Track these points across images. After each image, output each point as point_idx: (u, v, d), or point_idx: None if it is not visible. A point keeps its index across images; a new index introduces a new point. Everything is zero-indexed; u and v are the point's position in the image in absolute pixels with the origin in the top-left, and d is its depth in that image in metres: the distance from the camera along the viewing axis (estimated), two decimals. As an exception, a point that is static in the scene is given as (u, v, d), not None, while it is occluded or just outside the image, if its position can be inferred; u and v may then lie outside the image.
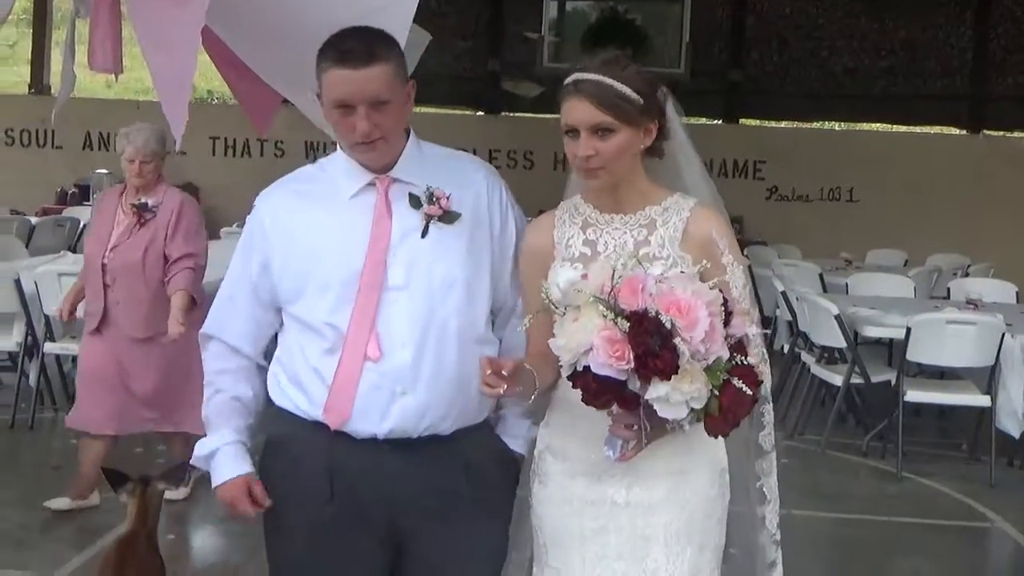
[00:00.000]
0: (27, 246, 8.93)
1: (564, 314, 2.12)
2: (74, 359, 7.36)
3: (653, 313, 2.03)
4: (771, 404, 2.43)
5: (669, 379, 2.01)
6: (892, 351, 6.92)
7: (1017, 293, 8.15)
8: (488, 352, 2.35)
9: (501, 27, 12.94)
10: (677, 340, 2.02)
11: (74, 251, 8.93)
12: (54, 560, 4.41)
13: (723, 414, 2.06)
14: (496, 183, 2.48)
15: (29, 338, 6.45)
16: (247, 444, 2.47)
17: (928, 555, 5.21)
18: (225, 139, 13.33)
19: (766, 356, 2.31)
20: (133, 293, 4.94)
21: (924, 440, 6.83)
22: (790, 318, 7.30)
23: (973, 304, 6.79)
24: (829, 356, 6.95)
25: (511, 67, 12.55)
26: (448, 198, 2.36)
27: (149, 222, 4.97)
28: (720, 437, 2.16)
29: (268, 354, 2.52)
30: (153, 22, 3.18)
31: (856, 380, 6.52)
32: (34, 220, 10.43)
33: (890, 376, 6.48)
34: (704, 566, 2.31)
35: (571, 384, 2.10)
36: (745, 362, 2.10)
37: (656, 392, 2.02)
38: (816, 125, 13.75)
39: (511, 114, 12.86)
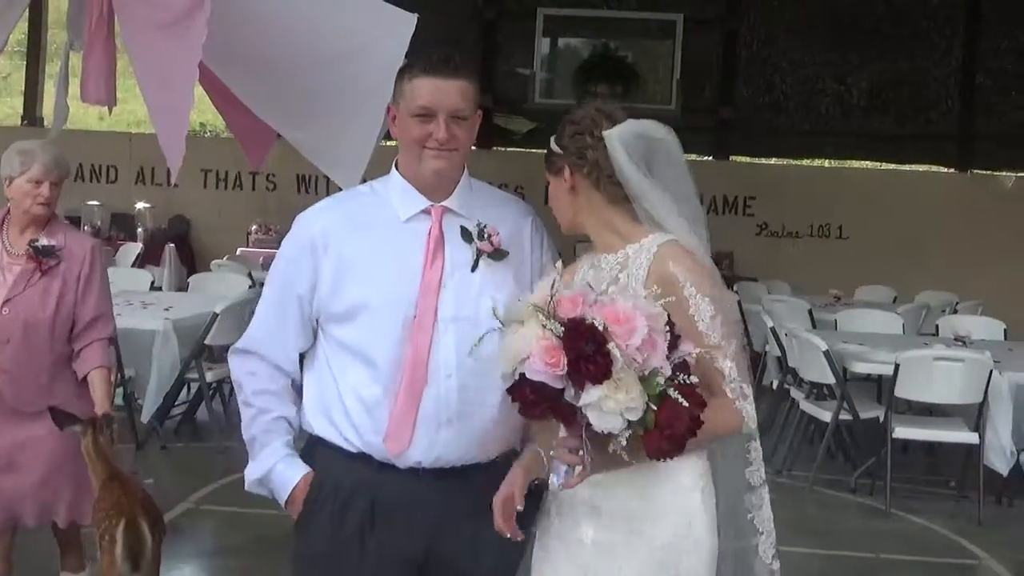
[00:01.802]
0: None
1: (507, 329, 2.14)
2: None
3: (589, 320, 2.05)
4: (758, 441, 2.42)
5: (601, 383, 2.01)
6: (881, 387, 6.94)
7: (1005, 330, 8.20)
8: None
9: (493, 63, 13.04)
10: (611, 346, 2.02)
11: (64, 282, 8.90)
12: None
13: (659, 429, 2.03)
14: (540, 226, 2.55)
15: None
16: (296, 454, 2.47)
17: (916, 592, 5.21)
18: (217, 172, 13.34)
19: (746, 392, 2.30)
20: (33, 358, 3.80)
21: (912, 477, 6.84)
22: (779, 354, 7.32)
23: (961, 341, 6.82)
24: (818, 392, 6.98)
25: (503, 102, 12.63)
26: (499, 235, 2.42)
27: (52, 269, 3.82)
28: (664, 459, 2.10)
29: None
30: (151, 56, 3.22)
31: (845, 416, 6.54)
32: (24, 251, 10.40)
33: (879, 412, 6.50)
34: None
35: (510, 398, 2.10)
36: (688, 381, 2.07)
37: (589, 397, 2.02)
38: (806, 162, 13.84)
39: (503, 148, 12.92)
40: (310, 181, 12.30)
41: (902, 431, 6.33)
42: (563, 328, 2.04)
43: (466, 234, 2.42)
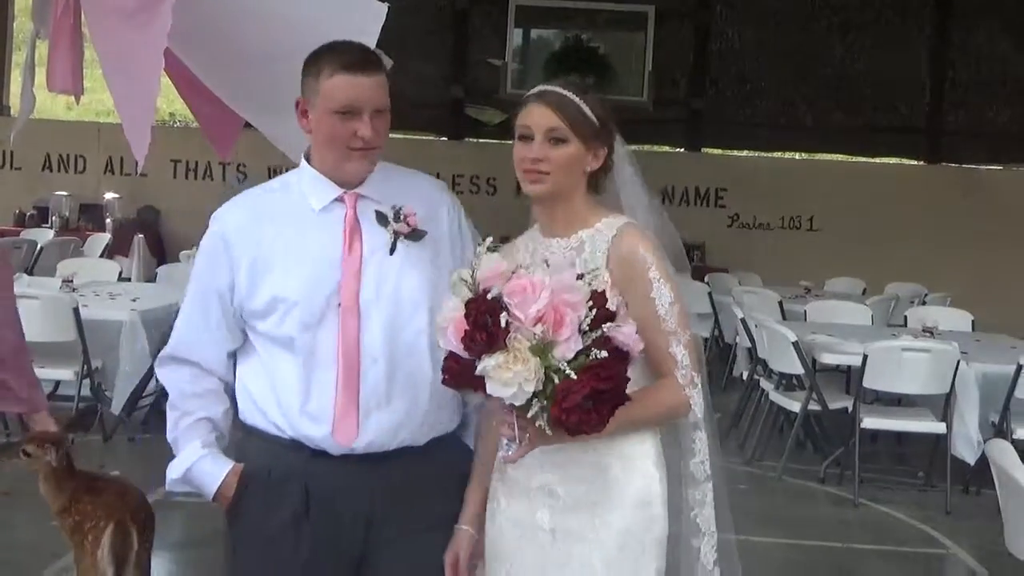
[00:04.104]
0: (-17, 268, 8.80)
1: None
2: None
3: (494, 291, 2.08)
4: (704, 432, 2.39)
5: (493, 353, 2.03)
6: (850, 378, 6.99)
7: (973, 322, 8.27)
8: None
9: (464, 53, 13.01)
10: (504, 316, 2.04)
11: (31, 273, 8.85)
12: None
13: (557, 403, 2.04)
14: (455, 203, 2.54)
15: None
16: (218, 451, 2.46)
17: (885, 581, 5.26)
18: (187, 162, 13.26)
19: (696, 381, 2.30)
20: None
21: (881, 467, 6.90)
22: (749, 345, 7.36)
23: (929, 332, 6.88)
24: (787, 383, 7.02)
25: (474, 93, 12.61)
26: (415, 216, 2.41)
27: None
28: (581, 436, 2.10)
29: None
30: (114, 45, 3.18)
31: (814, 407, 6.58)
32: (-9, 241, 10.32)
33: (847, 403, 6.55)
34: None
35: (439, 379, 2.16)
36: (597, 356, 2.05)
37: (484, 366, 2.05)
38: (777, 154, 13.91)
39: (474, 140, 12.91)
40: (280, 172, 12.22)
41: (870, 421, 6.38)
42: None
43: (381, 218, 2.41)
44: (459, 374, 2.11)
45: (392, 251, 2.39)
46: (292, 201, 2.44)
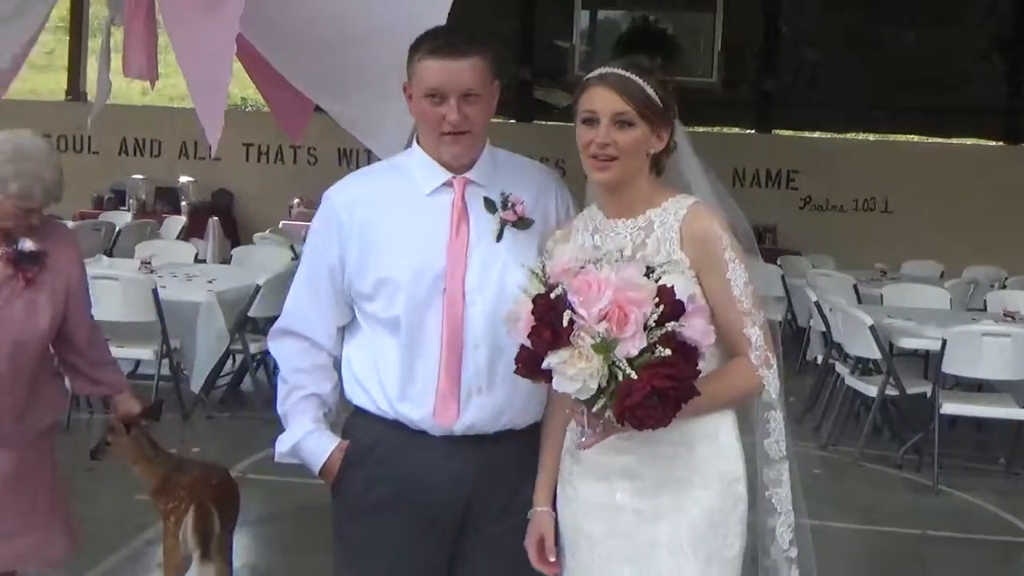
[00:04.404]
0: (63, 251, 8.99)
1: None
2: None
3: (559, 289, 2.08)
4: (779, 412, 2.37)
5: (558, 350, 2.05)
6: (928, 363, 6.85)
7: (1055, 305, 8.05)
8: None
9: (532, 36, 12.96)
10: (567, 314, 2.05)
11: (110, 255, 9.02)
12: (90, 559, 4.43)
13: (619, 401, 2.05)
14: (564, 192, 2.53)
15: (65, 342, 6.49)
16: (325, 427, 2.50)
17: (964, 570, 5.15)
18: (259, 146, 13.41)
19: (770, 361, 2.28)
20: (15, 384, 3.19)
21: (961, 453, 6.74)
22: (824, 329, 7.25)
23: (1011, 316, 6.71)
24: (863, 367, 6.90)
25: (542, 75, 12.57)
26: (523, 204, 2.41)
27: (37, 277, 3.21)
28: (647, 429, 2.09)
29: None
30: (187, 30, 3.21)
31: (891, 392, 6.46)
32: (71, 224, 10.53)
33: (926, 388, 6.42)
34: None
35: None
36: (662, 355, 2.04)
37: (549, 361, 2.07)
38: (850, 135, 13.67)
39: (542, 122, 12.87)
40: (351, 155, 12.32)
41: (950, 407, 6.25)
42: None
43: (489, 204, 2.42)
44: (530, 365, 2.12)
45: (499, 239, 2.40)
46: (403, 183, 2.45)
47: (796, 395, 7.17)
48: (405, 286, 2.37)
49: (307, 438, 2.47)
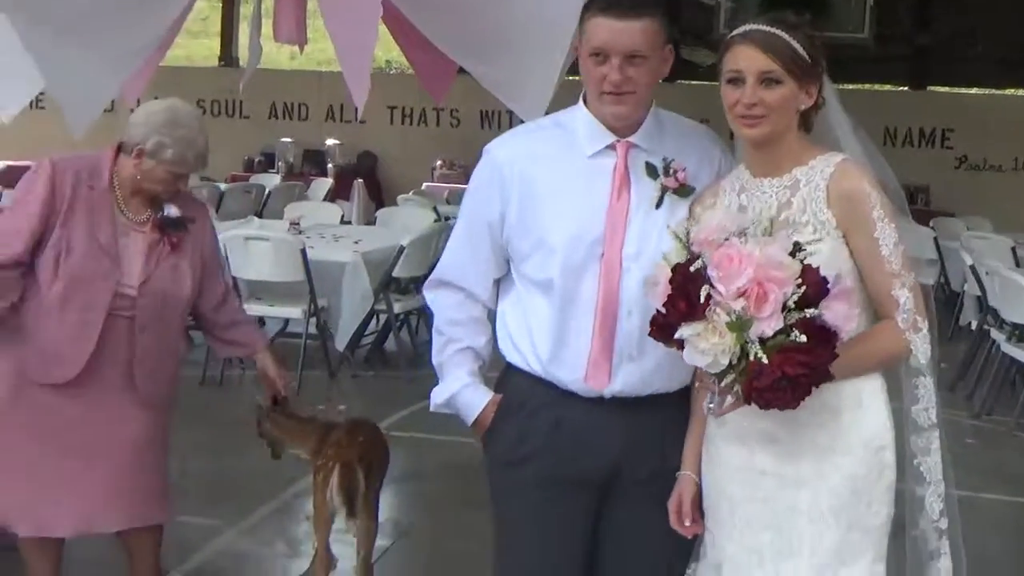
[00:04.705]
0: (217, 211, 9.33)
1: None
2: (261, 320, 7.71)
3: (699, 261, 2.05)
4: (929, 378, 2.29)
5: (692, 323, 2.02)
6: (1090, 330, 6.53)
7: None
8: None
9: (677, -7, 12.75)
10: (705, 288, 2.02)
11: (260, 216, 9.30)
12: (243, 509, 4.62)
13: (748, 382, 2.01)
14: (728, 158, 2.47)
15: (218, 299, 6.73)
16: (480, 381, 2.55)
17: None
18: (403, 108, 13.60)
19: (919, 325, 2.21)
20: (166, 345, 3.37)
21: (1122, 424, 6.44)
22: (979, 293, 6.98)
23: None
24: (1021, 334, 6.62)
25: (688, 34, 12.35)
26: (685, 171, 2.37)
27: (180, 242, 3.36)
28: (773, 408, 2.06)
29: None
30: (336, -6, 3.27)
31: (1050, 360, 6.19)
32: (223, 187, 10.91)
33: (1088, 357, 6.13)
34: (852, 547, 2.23)
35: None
36: (797, 340, 1.99)
37: (682, 332, 2.05)
38: (1009, 91, 13.05)
39: (687, 82, 12.67)
40: (493, 117, 12.39)
41: (1113, 376, 5.96)
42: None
43: (651, 170, 2.38)
44: (664, 331, 2.11)
45: (658, 205, 2.37)
46: (565, 142, 2.44)
47: (948, 362, 6.93)
48: (561, 249, 2.36)
49: (463, 391, 2.51)
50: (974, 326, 7.33)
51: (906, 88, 12.57)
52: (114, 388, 3.31)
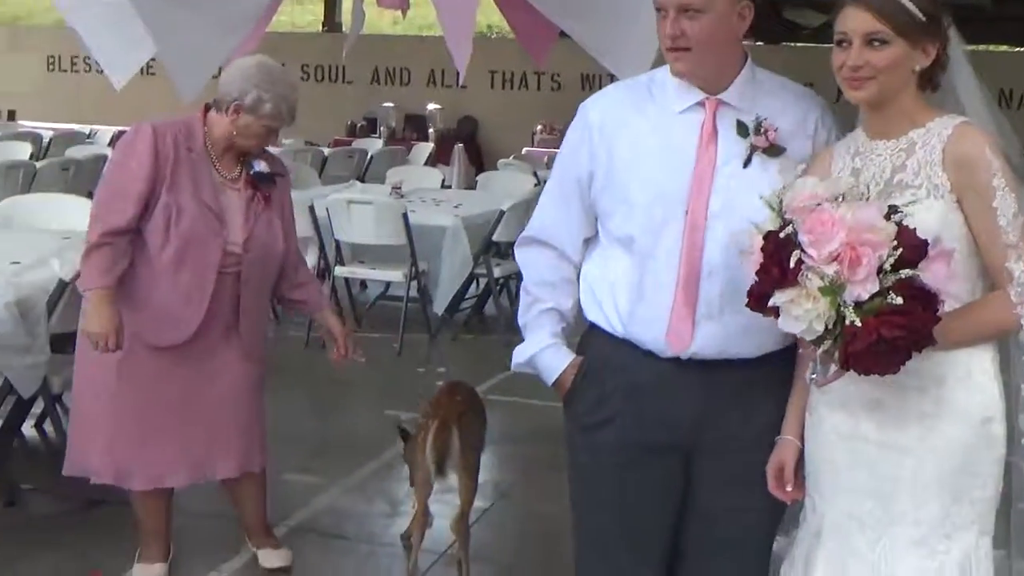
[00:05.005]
0: (320, 175, 9.47)
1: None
2: (363, 283, 7.83)
3: (790, 227, 2.03)
4: None
5: (785, 289, 2.00)
6: None
7: None
8: None
9: (784, -47, 12.46)
10: (797, 254, 1.99)
11: (362, 181, 9.41)
12: (346, 467, 4.71)
13: (843, 347, 1.98)
14: (828, 118, 2.41)
15: (321, 262, 6.87)
16: (562, 343, 2.54)
17: None
18: (503, 73, 13.60)
19: None
20: (263, 298, 3.58)
21: None
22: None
23: None
24: None
25: (793, -5, 12.08)
26: (776, 131, 2.32)
27: (270, 198, 3.48)
28: (871, 374, 2.02)
29: None
30: (438, -41, 3.28)
31: None
32: (327, 151, 11.06)
33: None
34: (956, 518, 2.19)
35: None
36: (894, 303, 1.94)
37: (775, 300, 2.03)
38: None
39: (791, 44, 12.42)
40: (594, 80, 12.30)
41: None
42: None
43: (741, 128, 2.33)
44: (759, 301, 2.08)
45: (746, 164, 2.32)
46: (656, 97, 2.41)
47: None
48: (643, 205, 2.33)
49: (543, 352, 2.52)
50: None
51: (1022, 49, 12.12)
52: (219, 343, 3.44)
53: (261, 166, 3.46)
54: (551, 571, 3.58)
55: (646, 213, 2.33)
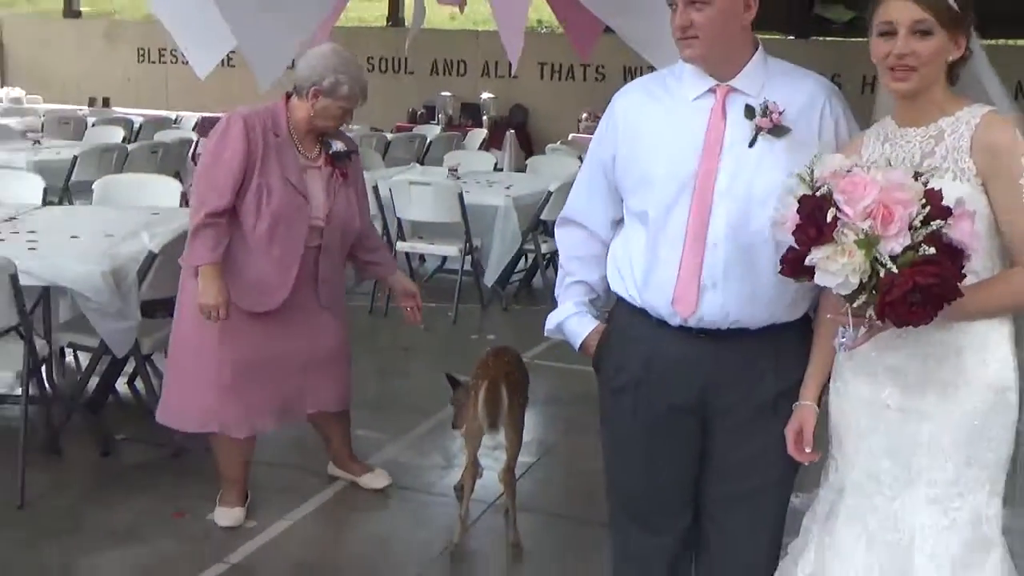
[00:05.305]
0: (383, 158, 9.51)
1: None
2: (421, 257, 7.87)
3: (824, 188, 2.00)
4: None
5: (821, 245, 1.97)
6: None
7: None
8: None
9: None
10: (832, 211, 1.96)
11: (422, 163, 9.43)
12: (405, 425, 4.76)
13: (880, 297, 1.94)
14: (836, 102, 2.37)
15: (384, 237, 6.91)
16: (587, 311, 2.58)
17: None
18: (552, 64, 13.53)
19: None
20: (339, 267, 3.73)
21: None
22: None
23: None
24: None
25: (823, -9, 11.88)
26: (781, 113, 2.29)
27: (347, 175, 3.60)
28: (907, 326, 1.98)
29: None
30: (493, -41, 3.27)
31: None
32: (389, 136, 11.10)
33: None
34: (969, 482, 2.17)
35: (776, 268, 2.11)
36: (926, 254, 1.91)
37: (812, 257, 1.99)
38: None
39: (821, 38, 12.20)
40: (635, 72, 12.20)
41: None
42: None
43: (748, 111, 2.31)
44: (794, 264, 2.06)
45: (751, 144, 2.30)
46: (674, 87, 2.41)
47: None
48: (658, 183, 2.34)
49: (569, 319, 2.57)
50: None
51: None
52: (304, 305, 3.57)
53: (338, 145, 3.55)
54: (590, 521, 3.60)
55: (660, 190, 2.34)
